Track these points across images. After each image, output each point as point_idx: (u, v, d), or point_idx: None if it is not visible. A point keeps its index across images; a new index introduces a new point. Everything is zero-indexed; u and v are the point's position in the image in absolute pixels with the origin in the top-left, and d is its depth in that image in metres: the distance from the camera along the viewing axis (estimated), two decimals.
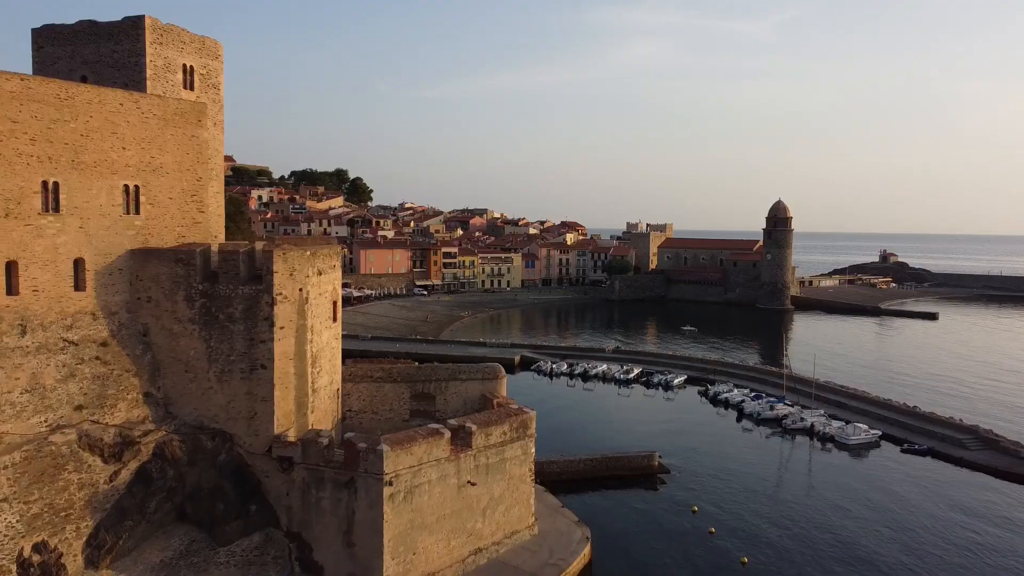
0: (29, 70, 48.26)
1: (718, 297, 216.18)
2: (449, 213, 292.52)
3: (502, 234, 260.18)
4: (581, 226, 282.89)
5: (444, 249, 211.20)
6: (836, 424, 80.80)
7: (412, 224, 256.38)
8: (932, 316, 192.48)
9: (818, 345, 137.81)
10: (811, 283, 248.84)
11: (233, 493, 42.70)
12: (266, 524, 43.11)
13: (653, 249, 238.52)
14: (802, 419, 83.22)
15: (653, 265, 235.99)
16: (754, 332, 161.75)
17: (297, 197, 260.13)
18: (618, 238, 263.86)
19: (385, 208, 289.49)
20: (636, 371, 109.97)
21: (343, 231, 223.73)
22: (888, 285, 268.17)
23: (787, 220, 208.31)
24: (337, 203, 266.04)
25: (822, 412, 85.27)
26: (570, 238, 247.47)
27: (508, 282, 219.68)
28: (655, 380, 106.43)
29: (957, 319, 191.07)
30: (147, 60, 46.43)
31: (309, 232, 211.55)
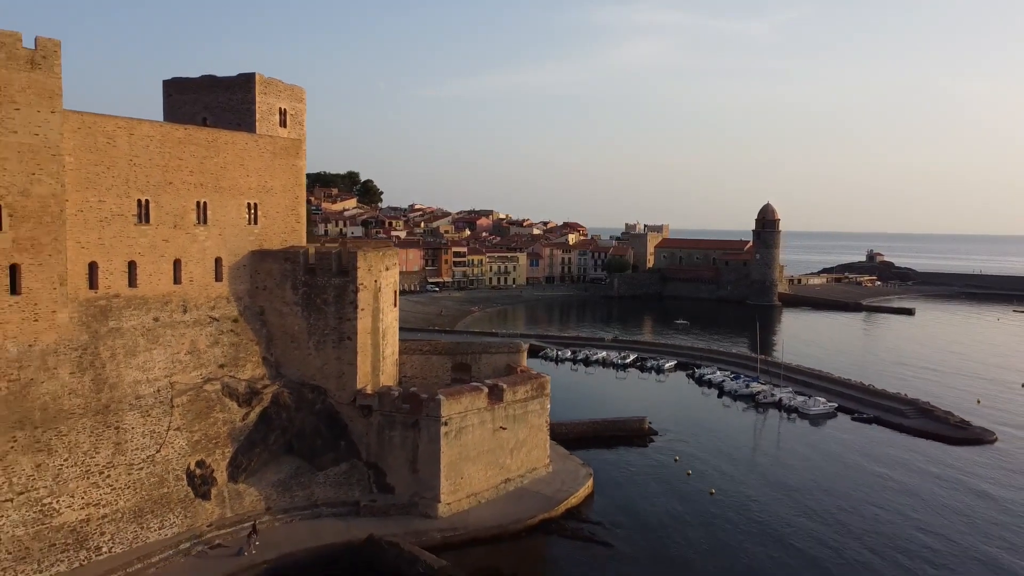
0: (152, 112, 62.67)
1: (711, 294, 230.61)
2: (456, 214, 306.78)
3: (507, 234, 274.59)
4: (582, 227, 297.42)
5: (454, 249, 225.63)
6: (800, 398, 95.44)
7: (422, 225, 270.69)
8: (909, 312, 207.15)
9: (798, 336, 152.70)
10: (800, 281, 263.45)
11: (327, 432, 57.31)
12: (351, 456, 57.69)
13: (650, 249, 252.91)
14: (772, 395, 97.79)
15: (650, 264, 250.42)
16: (741, 326, 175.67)
17: (312, 199, 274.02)
18: (617, 238, 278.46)
19: (395, 209, 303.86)
20: (631, 357, 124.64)
21: (358, 231, 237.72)
22: (873, 283, 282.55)
23: (775, 222, 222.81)
24: (350, 204, 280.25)
25: (790, 389, 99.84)
26: (572, 238, 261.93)
27: (514, 279, 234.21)
28: (648, 365, 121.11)
29: (933, 315, 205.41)
30: (256, 106, 60.89)
31: (326, 232, 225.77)
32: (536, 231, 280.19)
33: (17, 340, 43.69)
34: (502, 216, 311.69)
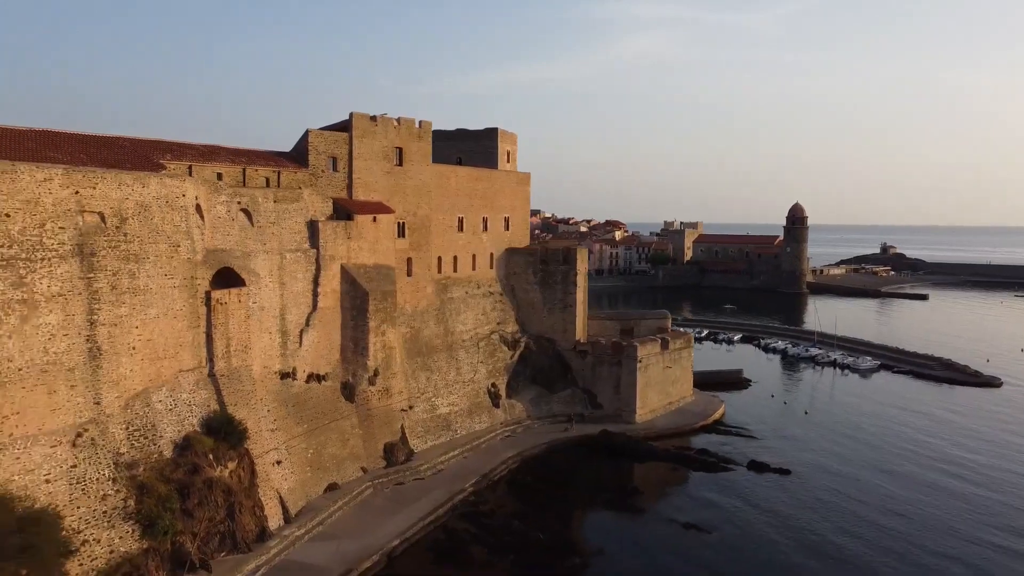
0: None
1: (744, 284, 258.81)
2: None
3: (557, 232, 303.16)
4: (623, 224, 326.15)
5: None
6: (850, 358, 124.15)
7: None
8: (924, 297, 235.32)
9: (832, 318, 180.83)
10: (822, 272, 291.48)
11: (558, 369, 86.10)
12: (573, 384, 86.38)
13: (688, 244, 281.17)
14: (828, 356, 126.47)
15: (687, 257, 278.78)
16: (778, 310, 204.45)
17: None
18: (657, 235, 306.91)
19: None
20: (704, 332, 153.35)
21: None
22: (888, 273, 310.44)
23: (803, 219, 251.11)
24: None
25: (842, 352, 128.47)
26: (618, 234, 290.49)
27: None
28: (719, 338, 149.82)
29: (945, 300, 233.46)
30: (498, 150, 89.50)
31: None
32: (583, 229, 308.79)
33: (411, 304, 72.56)
34: (548, 215, 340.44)
